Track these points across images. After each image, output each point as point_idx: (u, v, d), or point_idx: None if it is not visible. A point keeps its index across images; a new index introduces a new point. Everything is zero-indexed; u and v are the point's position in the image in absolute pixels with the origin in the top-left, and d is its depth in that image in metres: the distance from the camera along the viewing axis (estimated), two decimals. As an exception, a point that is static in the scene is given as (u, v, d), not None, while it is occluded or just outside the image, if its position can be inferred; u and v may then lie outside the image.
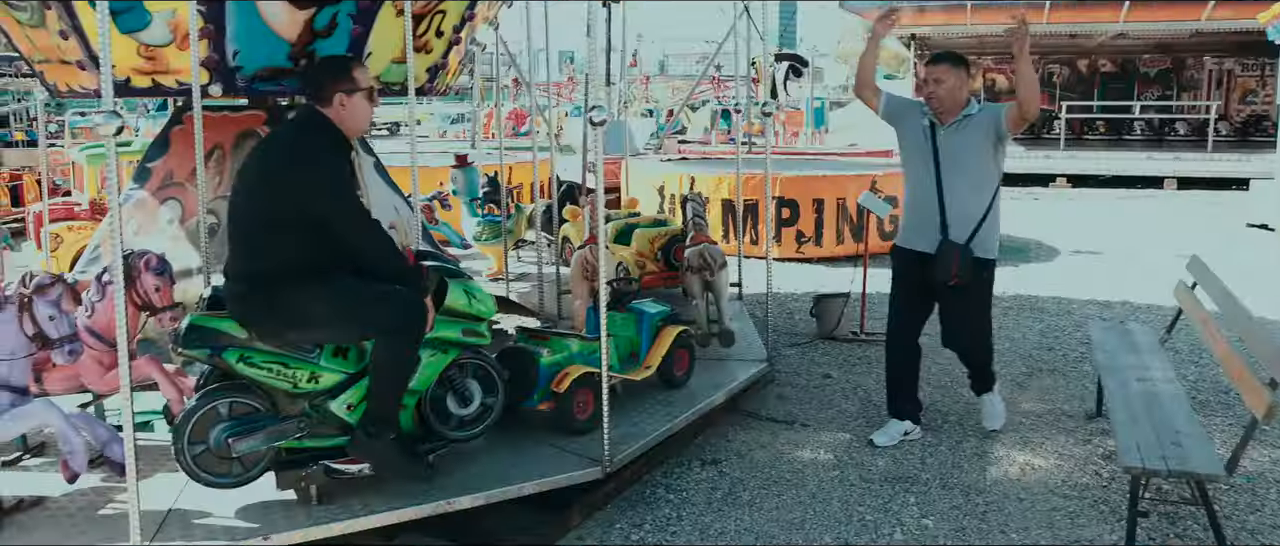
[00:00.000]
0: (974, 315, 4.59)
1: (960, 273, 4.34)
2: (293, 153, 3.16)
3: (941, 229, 4.39)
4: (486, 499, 3.56)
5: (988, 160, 4.41)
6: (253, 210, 3.20)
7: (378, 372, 3.33)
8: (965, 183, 4.37)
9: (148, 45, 4.49)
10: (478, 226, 7.51)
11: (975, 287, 4.47)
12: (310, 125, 3.29)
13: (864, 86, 4.66)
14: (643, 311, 4.69)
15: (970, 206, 4.38)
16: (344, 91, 3.29)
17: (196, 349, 3.20)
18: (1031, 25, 16.28)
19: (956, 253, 4.33)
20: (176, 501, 3.47)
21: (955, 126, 4.42)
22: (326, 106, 3.29)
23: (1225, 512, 4.04)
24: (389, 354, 3.30)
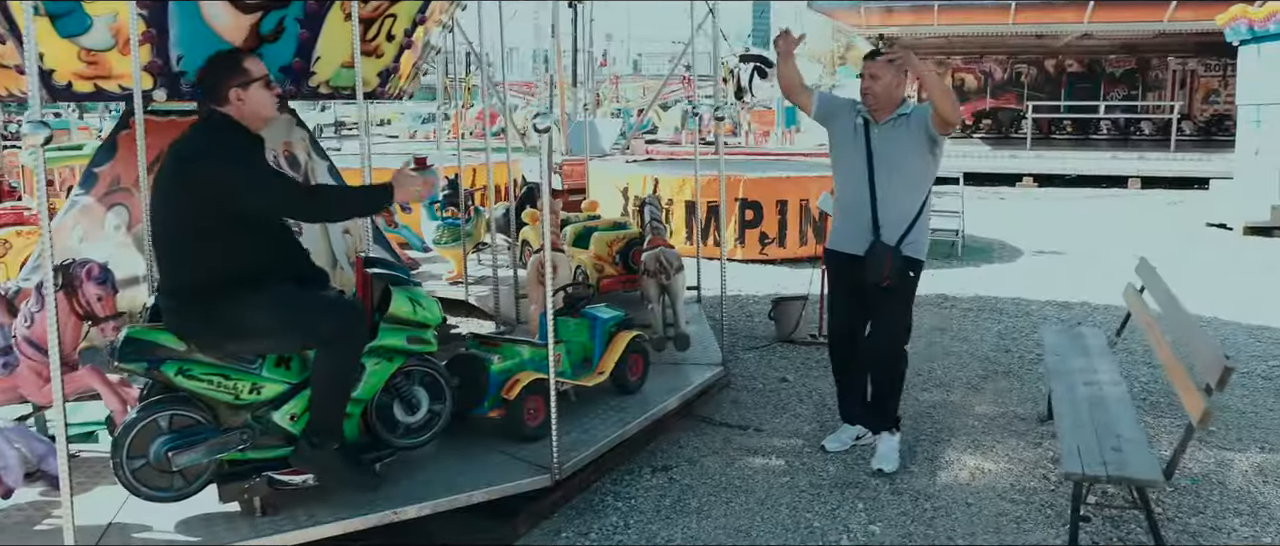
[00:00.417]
0: (897, 315, 4.48)
1: (892, 274, 4.27)
2: (197, 158, 3.09)
3: (873, 229, 4.31)
4: (433, 508, 3.54)
5: (921, 160, 4.34)
6: (172, 222, 3.16)
7: (319, 382, 3.30)
8: (898, 182, 4.30)
9: (89, 49, 4.42)
10: (437, 230, 7.46)
11: (903, 288, 4.40)
12: (211, 127, 3.23)
13: (792, 92, 4.64)
14: (596, 316, 4.68)
15: (903, 206, 4.31)
16: (238, 86, 3.23)
17: (133, 362, 3.16)
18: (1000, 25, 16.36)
19: (888, 254, 4.26)
20: (117, 515, 3.42)
21: (889, 125, 4.34)
22: (225, 105, 3.23)
23: (1169, 514, 4.10)
24: (330, 363, 3.28)
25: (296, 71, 4.78)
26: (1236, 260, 10.43)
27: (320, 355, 3.27)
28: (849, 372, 4.69)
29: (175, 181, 3.10)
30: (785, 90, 4.67)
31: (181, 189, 3.09)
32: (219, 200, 3.08)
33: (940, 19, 18.22)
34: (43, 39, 4.47)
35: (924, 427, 5.12)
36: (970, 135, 23.22)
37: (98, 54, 4.47)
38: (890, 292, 4.34)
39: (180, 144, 3.17)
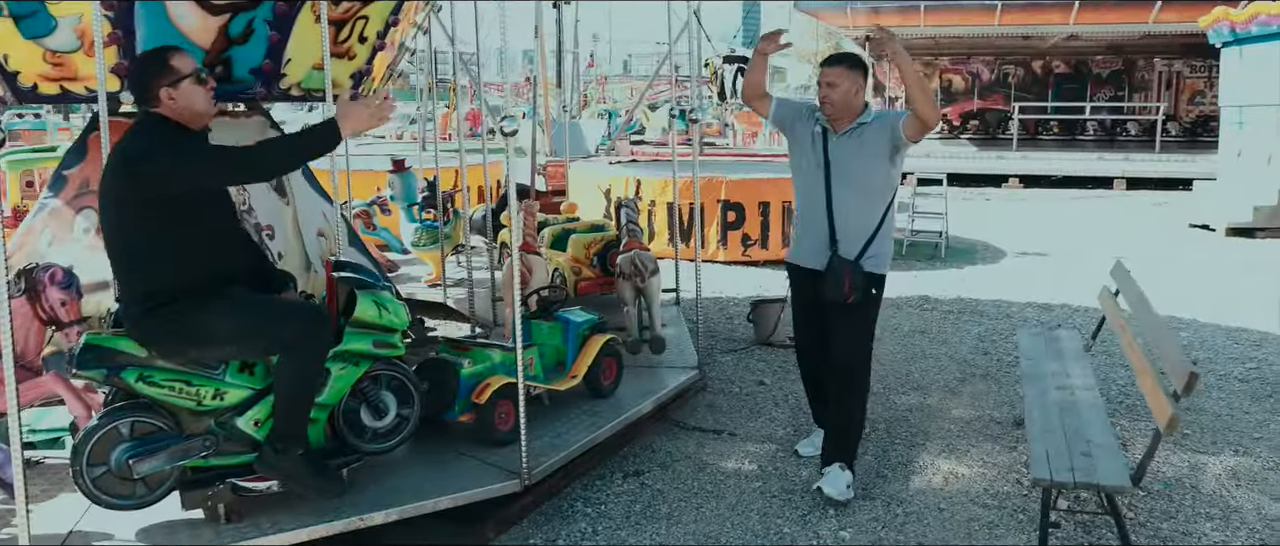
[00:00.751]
0: (860, 334, 4.25)
1: (853, 290, 4.05)
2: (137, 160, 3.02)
3: (831, 243, 4.11)
4: (400, 514, 3.52)
5: (882, 170, 4.11)
6: (123, 229, 3.11)
7: (282, 388, 3.27)
8: (856, 194, 4.10)
9: (54, 51, 4.39)
10: (415, 232, 7.43)
11: (865, 305, 4.16)
12: (144, 128, 3.15)
13: (753, 97, 4.45)
14: (568, 320, 4.66)
15: (862, 219, 4.11)
16: (168, 84, 3.15)
17: (93, 369, 3.12)
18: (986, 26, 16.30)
19: (847, 269, 4.05)
20: (78, 523, 3.39)
21: (848, 134, 4.12)
22: (157, 105, 3.17)
23: (1141, 519, 4.10)
24: (293, 369, 3.25)
25: (267, 73, 4.75)
26: (1218, 261, 10.46)
27: (283, 360, 3.24)
28: (818, 380, 4.55)
29: (118, 186, 3.04)
30: (747, 92, 4.47)
31: (125, 193, 3.03)
32: (163, 198, 3.01)
33: (927, 20, 18.26)
34: (7, 40, 4.44)
35: (899, 432, 5.11)
36: (957, 136, 23.29)
37: (63, 56, 4.44)
38: (851, 309, 4.13)
39: (117, 148, 3.11)
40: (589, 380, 4.63)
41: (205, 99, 3.22)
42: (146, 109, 3.17)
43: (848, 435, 4.30)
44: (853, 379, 4.27)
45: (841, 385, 4.29)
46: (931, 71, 24.61)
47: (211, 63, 4.62)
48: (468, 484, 3.71)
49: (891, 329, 7.35)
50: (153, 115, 3.15)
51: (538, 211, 6.26)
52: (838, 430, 4.31)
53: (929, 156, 18.93)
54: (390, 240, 8.23)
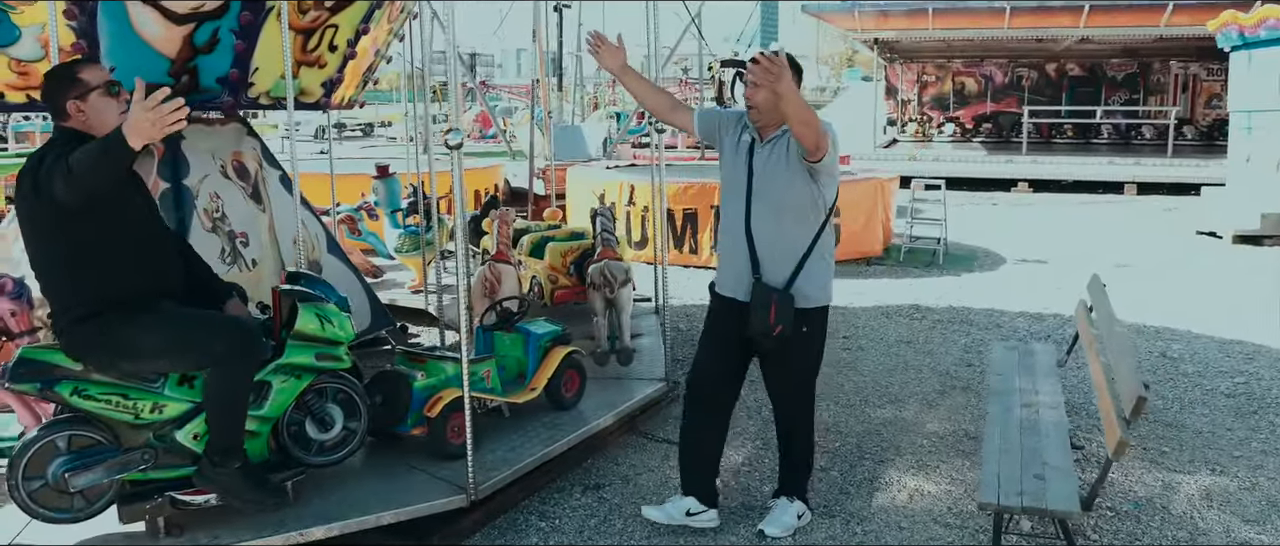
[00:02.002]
0: (794, 377, 3.85)
1: (781, 319, 3.59)
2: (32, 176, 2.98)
3: (753, 269, 3.69)
4: (341, 529, 3.50)
5: (801, 186, 3.63)
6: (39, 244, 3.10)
7: (213, 402, 3.25)
8: (776, 212, 3.65)
9: (19, 60, 4.41)
10: (398, 238, 7.43)
11: (796, 343, 3.71)
12: (51, 142, 3.12)
13: (665, 114, 4.01)
14: (529, 332, 4.63)
15: (786, 243, 3.66)
16: (76, 98, 3.11)
17: (26, 383, 3.12)
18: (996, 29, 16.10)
19: (773, 299, 3.60)
20: (18, 536, 3.39)
21: (772, 142, 3.69)
22: (67, 119, 3.13)
23: (1105, 540, 4.02)
24: (223, 383, 3.23)
25: (234, 82, 4.76)
26: (1222, 270, 10.31)
27: (212, 374, 3.22)
28: (699, 431, 3.94)
29: (23, 201, 3.04)
30: (657, 113, 4.04)
31: (30, 209, 3.02)
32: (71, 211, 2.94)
33: (935, 22, 18.13)
34: (-26, 49, 4.47)
35: (869, 446, 5.05)
36: (969, 140, 23.12)
37: (29, 64, 4.45)
38: (785, 350, 3.73)
39: (26, 163, 3.08)
40: (550, 392, 4.60)
41: (116, 112, 3.12)
42: (58, 123, 3.15)
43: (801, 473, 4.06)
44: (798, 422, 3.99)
45: (789, 432, 4.01)
46: (944, 74, 24.48)
47: (178, 72, 4.64)
48: (414, 498, 3.69)
49: (877, 338, 7.29)
50: (63, 129, 3.12)
51: (514, 220, 6.24)
52: (791, 465, 4.06)
53: (937, 160, 18.82)
54: (376, 245, 8.23)
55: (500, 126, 18.55)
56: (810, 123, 3.45)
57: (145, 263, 3.21)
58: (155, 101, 2.67)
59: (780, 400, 3.92)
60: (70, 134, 3.11)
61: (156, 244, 3.32)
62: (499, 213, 5.95)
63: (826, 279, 3.79)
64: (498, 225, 5.88)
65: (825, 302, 3.79)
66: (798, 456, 4.03)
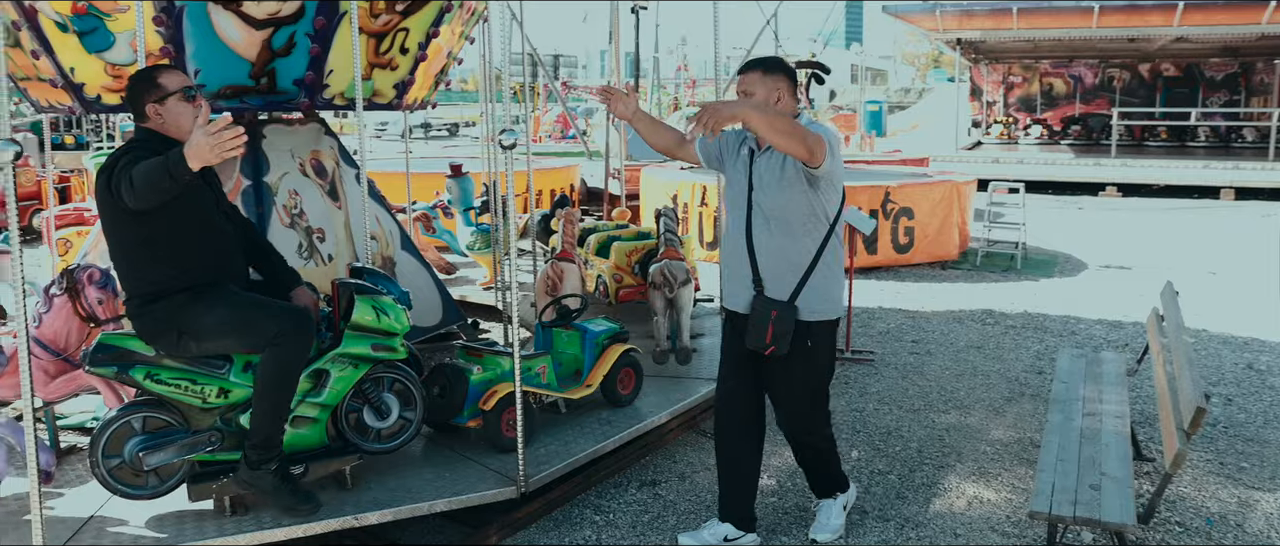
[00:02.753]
0: (797, 393, 3.68)
1: (777, 338, 3.50)
2: (108, 171, 3.16)
3: (754, 282, 3.59)
4: (395, 515, 3.62)
5: (799, 196, 3.48)
6: (112, 235, 3.29)
7: (261, 385, 3.36)
8: (776, 223, 3.53)
9: (114, 64, 4.66)
10: (471, 236, 7.59)
11: (798, 358, 3.57)
12: (132, 142, 3.31)
13: (673, 151, 3.87)
14: (586, 329, 4.70)
15: (787, 254, 3.53)
16: (154, 101, 3.28)
17: (104, 367, 3.31)
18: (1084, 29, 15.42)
19: (773, 313, 3.50)
20: (99, 510, 3.60)
21: (768, 153, 3.57)
22: (146, 121, 3.31)
23: (1173, 557, 3.91)
24: (273, 366, 3.34)
25: (309, 84, 4.94)
26: (1319, 281, 9.84)
27: (265, 357, 3.35)
28: (730, 451, 3.82)
29: (101, 195, 3.22)
30: (662, 150, 3.92)
31: (105, 202, 3.21)
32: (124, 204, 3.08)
33: (1020, 22, 17.65)
34: (73, 55, 4.74)
35: (930, 451, 4.99)
36: (1057, 142, 22.46)
37: (122, 68, 4.70)
38: (785, 363, 3.59)
39: (104, 162, 3.28)
40: (606, 389, 4.67)
41: (190, 114, 3.28)
42: (138, 124, 3.34)
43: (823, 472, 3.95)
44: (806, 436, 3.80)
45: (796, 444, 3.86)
46: (1031, 75, 23.83)
47: (257, 75, 4.84)
48: (465, 488, 3.78)
49: (946, 343, 7.17)
50: (142, 129, 3.32)
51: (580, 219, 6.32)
52: (809, 470, 3.96)
53: (1021, 162, 18.35)
54: (451, 242, 8.42)
55: (580, 128, 18.77)
56: (787, 132, 3.25)
57: (210, 250, 3.37)
58: (216, 128, 2.78)
59: (783, 412, 3.74)
60: (148, 134, 3.30)
61: (221, 237, 3.48)
62: (565, 212, 6.05)
63: (833, 291, 3.63)
64: (563, 224, 5.98)
65: (832, 316, 3.64)
66: (816, 461, 3.92)
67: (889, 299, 8.82)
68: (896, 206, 9.89)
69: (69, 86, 4.89)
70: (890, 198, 9.82)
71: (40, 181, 12.33)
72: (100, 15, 4.61)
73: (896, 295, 8.99)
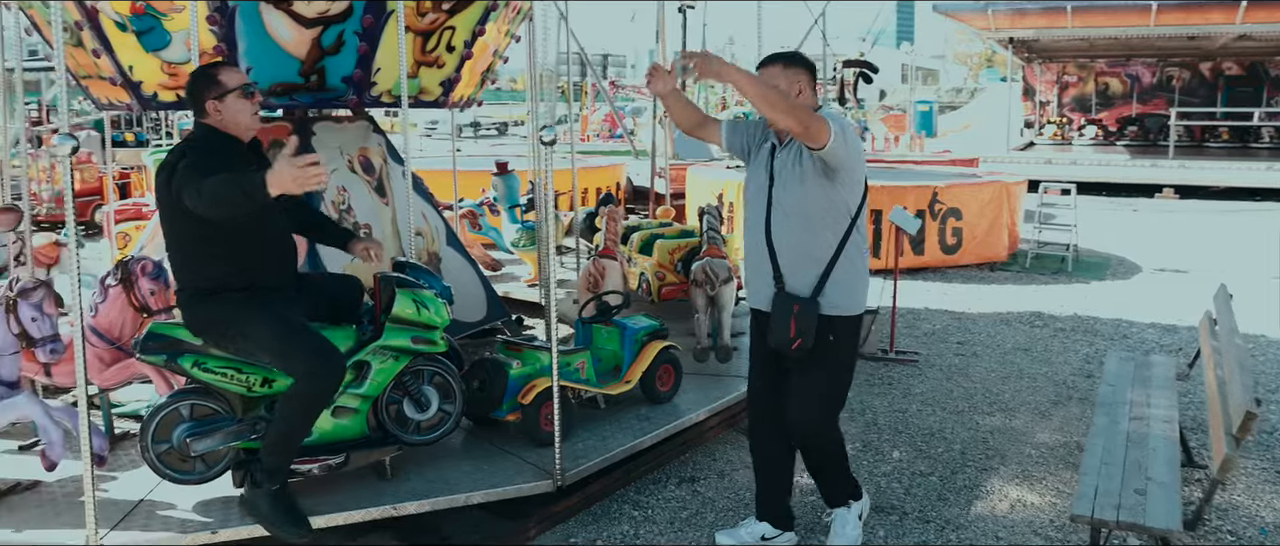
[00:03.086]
0: (814, 388, 3.56)
1: (801, 333, 3.43)
2: (170, 167, 3.24)
3: (774, 279, 3.54)
4: (432, 505, 3.67)
5: (818, 190, 3.42)
6: (167, 228, 3.37)
7: (280, 413, 3.38)
8: (794, 217, 3.47)
9: (170, 62, 4.78)
10: (516, 233, 7.66)
11: (819, 354, 3.48)
12: (191, 137, 3.39)
13: (693, 130, 3.86)
14: (626, 325, 4.72)
15: (807, 250, 3.47)
16: (214, 97, 3.34)
17: (154, 355, 3.41)
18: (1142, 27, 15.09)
19: (794, 309, 3.45)
20: (150, 492, 3.70)
21: (789, 146, 3.51)
22: (205, 117, 3.37)
23: (1225, 567, 3.82)
24: (295, 399, 3.36)
25: (357, 82, 5.02)
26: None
27: (291, 388, 3.38)
28: (764, 450, 3.83)
29: (160, 190, 3.31)
30: (683, 127, 3.89)
31: (164, 196, 3.29)
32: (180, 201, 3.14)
33: (1074, 21, 17.30)
34: (131, 54, 4.88)
35: (973, 454, 4.93)
36: (1112, 143, 22.00)
37: (178, 66, 4.82)
38: (805, 359, 3.51)
39: (166, 157, 3.36)
40: (645, 386, 4.68)
41: (248, 111, 3.38)
42: (198, 119, 3.41)
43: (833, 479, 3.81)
44: (814, 436, 3.68)
45: (804, 444, 3.74)
46: (1086, 74, 23.36)
47: (307, 73, 4.94)
48: (502, 481, 3.83)
49: (992, 345, 7.08)
50: (201, 125, 3.39)
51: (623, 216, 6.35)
52: (818, 477, 3.83)
53: (1074, 163, 18.01)
54: (497, 239, 8.50)
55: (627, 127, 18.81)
56: (781, 106, 3.20)
57: (266, 250, 3.43)
58: (304, 162, 2.88)
59: (795, 408, 3.60)
60: (207, 131, 3.38)
61: (277, 235, 3.54)
62: (608, 209, 6.08)
63: (856, 286, 3.55)
64: (606, 221, 6.01)
65: (855, 312, 3.56)
66: (826, 465, 3.78)
67: (935, 300, 8.72)
68: (944, 207, 9.78)
69: (127, 84, 5.03)
70: (938, 198, 9.70)
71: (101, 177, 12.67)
72: (157, 15, 4.73)
73: (943, 296, 8.89)
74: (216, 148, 3.29)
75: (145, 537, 3.39)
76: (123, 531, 3.41)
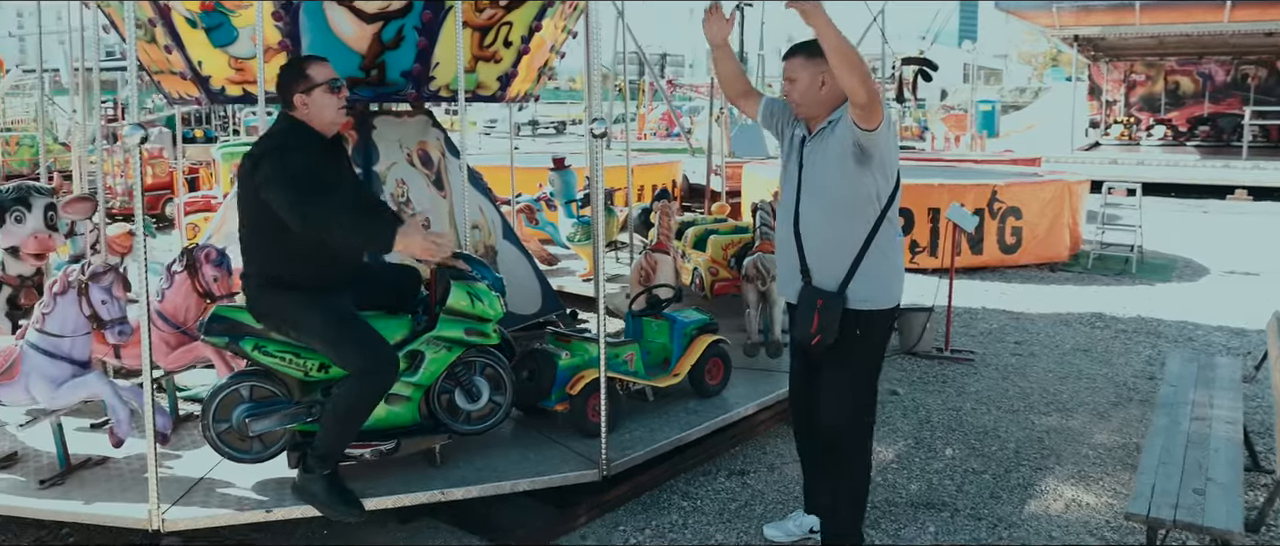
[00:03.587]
0: (844, 386, 3.48)
1: (823, 329, 3.35)
2: (256, 157, 3.35)
3: (802, 272, 3.46)
4: (480, 492, 3.73)
5: (845, 177, 3.34)
6: (243, 214, 3.47)
7: (334, 407, 3.45)
8: (823, 209, 3.39)
9: (236, 58, 4.92)
10: (572, 228, 7.73)
11: (844, 349, 3.40)
12: (277, 129, 3.48)
13: (735, 96, 3.82)
14: (675, 319, 4.74)
15: (836, 242, 3.39)
16: (302, 91, 3.41)
17: (217, 337, 3.52)
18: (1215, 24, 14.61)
19: (819, 304, 3.36)
20: (211, 471, 3.82)
21: (819, 135, 3.42)
22: (293, 109, 3.45)
23: (1287, 573, 3.72)
24: (350, 394, 3.43)
25: (416, 76, 5.11)
26: None
27: (345, 383, 3.46)
28: (808, 447, 3.80)
29: (241, 177, 3.41)
30: (725, 90, 3.84)
31: (244, 184, 3.39)
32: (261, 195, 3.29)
33: (1143, 18, 16.81)
34: (200, 49, 5.03)
35: (1027, 453, 4.86)
36: (1182, 143, 21.37)
37: (244, 61, 4.96)
38: (833, 355, 3.43)
39: (253, 148, 3.47)
40: (694, 379, 4.69)
41: (333, 106, 3.45)
42: (284, 111, 3.51)
43: (845, 512, 3.60)
44: (843, 437, 3.54)
45: (830, 446, 3.59)
46: (1155, 73, 22.72)
47: (367, 67, 5.04)
48: (549, 469, 3.88)
49: (1051, 345, 6.95)
50: (286, 118, 3.49)
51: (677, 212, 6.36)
52: (833, 499, 3.63)
53: (1141, 164, 17.55)
54: (553, 234, 8.58)
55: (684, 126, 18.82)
56: (854, 62, 3.10)
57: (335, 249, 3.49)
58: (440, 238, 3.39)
59: (825, 407, 3.53)
60: (293, 124, 3.47)
61: None
62: (661, 205, 6.10)
63: (888, 279, 3.44)
64: (660, 216, 6.04)
65: (886, 305, 3.45)
66: (845, 484, 3.60)
67: (993, 300, 8.58)
68: (1003, 205, 9.62)
69: (197, 79, 5.17)
70: (997, 196, 9.55)
71: (172, 172, 13.07)
72: (225, 11, 4.87)
73: (1001, 296, 8.75)
74: (300, 143, 3.38)
75: (205, 513, 3.50)
76: (183, 507, 3.52)
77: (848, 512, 3.60)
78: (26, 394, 3.67)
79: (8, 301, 4.55)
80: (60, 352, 3.67)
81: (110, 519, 3.51)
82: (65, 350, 3.69)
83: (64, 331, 3.68)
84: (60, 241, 4.84)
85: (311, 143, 3.45)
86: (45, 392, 3.66)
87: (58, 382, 3.65)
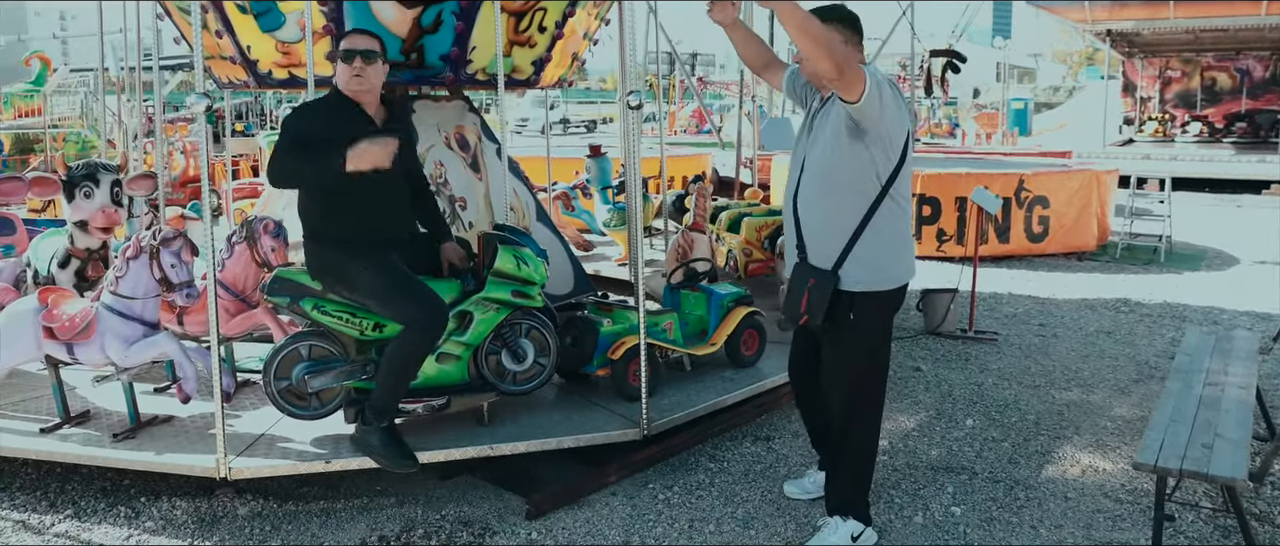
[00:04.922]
0: (839, 369, 3.47)
1: (811, 309, 3.30)
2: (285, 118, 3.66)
3: (799, 247, 3.41)
4: (526, 447, 3.96)
5: (843, 154, 3.24)
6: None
7: (389, 358, 3.67)
8: (820, 185, 3.32)
9: (284, 42, 5.18)
10: (608, 214, 7.94)
11: (838, 331, 3.37)
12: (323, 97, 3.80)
13: (759, 69, 3.79)
14: (712, 291, 4.93)
15: (831, 218, 3.31)
16: (329, 57, 3.75)
17: (278, 297, 3.77)
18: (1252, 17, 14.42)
19: (810, 282, 3.31)
20: (271, 427, 4.08)
21: (823, 109, 3.36)
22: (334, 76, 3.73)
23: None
24: (404, 345, 3.64)
25: (454, 60, 5.35)
26: None
27: (398, 336, 3.67)
28: (810, 415, 3.87)
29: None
30: (748, 64, 3.82)
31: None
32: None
33: (1177, 11, 16.73)
34: (249, 34, 5.30)
35: (1047, 424, 5.00)
36: (1218, 140, 21.20)
37: (290, 46, 5.22)
38: (828, 337, 3.43)
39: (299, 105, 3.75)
40: (729, 349, 4.89)
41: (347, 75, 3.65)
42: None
43: (844, 482, 3.57)
44: (846, 419, 3.51)
45: (833, 425, 3.59)
46: (1191, 69, 22.54)
47: (408, 51, 5.28)
48: (591, 429, 4.09)
49: (1075, 328, 7.07)
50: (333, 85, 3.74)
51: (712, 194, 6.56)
52: (832, 473, 3.66)
53: (1174, 159, 17.47)
54: (589, 221, 8.81)
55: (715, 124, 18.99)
56: (813, 35, 2.98)
57: (388, 209, 3.75)
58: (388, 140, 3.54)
59: (825, 384, 3.56)
60: (335, 90, 3.72)
61: (397, 197, 3.85)
62: (697, 186, 6.32)
63: (884, 261, 3.34)
64: (696, 198, 6.26)
65: (882, 287, 3.36)
66: (847, 463, 3.57)
67: (1019, 286, 8.69)
68: (1030, 194, 9.71)
69: (245, 63, 5.45)
70: (1024, 185, 9.64)
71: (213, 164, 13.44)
72: (274, -3, 5.14)
73: (1027, 283, 8.85)
74: (316, 108, 3.64)
75: (267, 463, 3.76)
76: (247, 458, 3.78)
77: (847, 486, 3.58)
78: (102, 352, 3.94)
79: (76, 273, 4.84)
80: (132, 314, 3.94)
81: (180, 467, 3.77)
82: (137, 311, 3.95)
83: (136, 293, 3.94)
84: (124, 217, 5.12)
85: (343, 109, 3.68)
86: (118, 351, 3.92)
87: (130, 341, 3.92)
